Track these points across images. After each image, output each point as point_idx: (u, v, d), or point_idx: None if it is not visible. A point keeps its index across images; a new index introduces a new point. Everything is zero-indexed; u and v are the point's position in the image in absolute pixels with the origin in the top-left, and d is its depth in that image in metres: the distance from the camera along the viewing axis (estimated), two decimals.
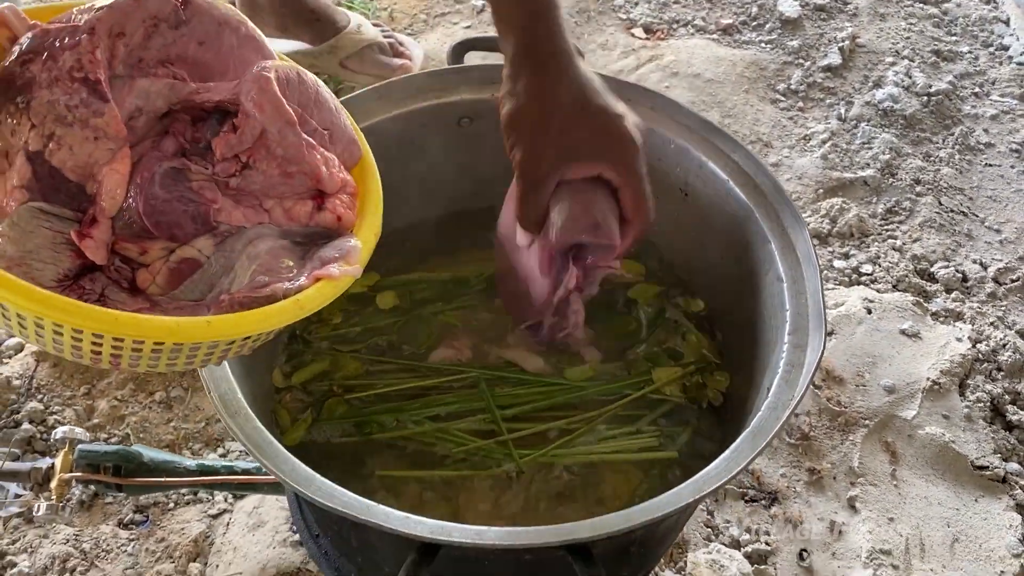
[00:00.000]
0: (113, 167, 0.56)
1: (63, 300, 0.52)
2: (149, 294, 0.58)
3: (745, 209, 0.86)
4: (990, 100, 1.75)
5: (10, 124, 0.56)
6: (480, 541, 0.62)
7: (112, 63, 0.58)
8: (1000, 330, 1.37)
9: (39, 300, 0.51)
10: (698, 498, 0.64)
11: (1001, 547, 1.15)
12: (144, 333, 0.53)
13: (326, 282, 0.59)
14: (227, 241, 0.60)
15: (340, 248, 0.62)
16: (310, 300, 0.58)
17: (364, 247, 0.63)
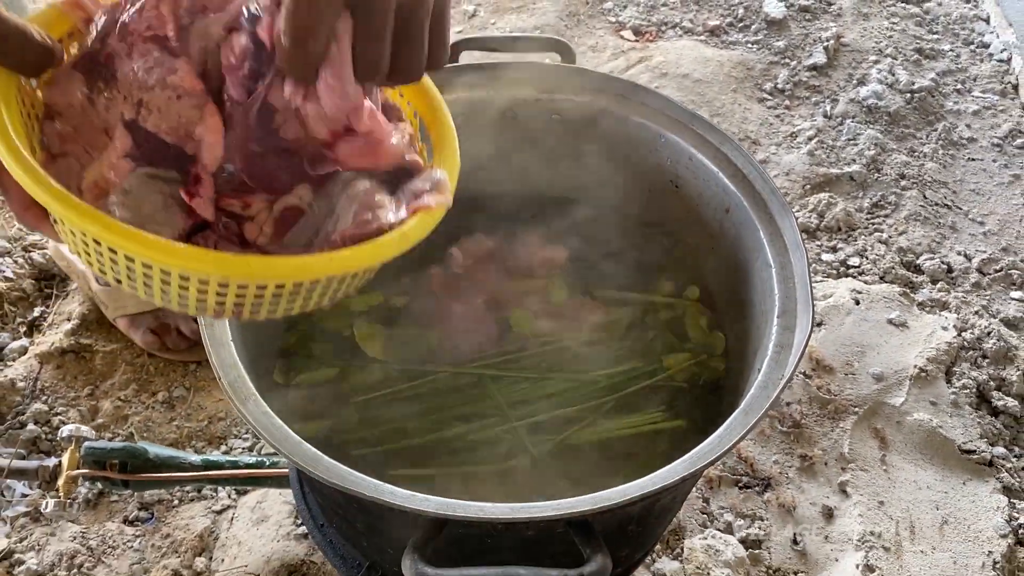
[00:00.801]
0: (205, 124, 0.57)
1: (197, 250, 0.53)
2: (259, 245, 0.60)
3: (734, 198, 0.89)
4: (972, 96, 1.79)
5: (103, 101, 0.58)
6: (484, 516, 0.64)
7: (177, 15, 0.58)
8: (985, 319, 1.41)
9: (173, 252, 0.52)
10: (692, 472, 0.67)
11: (989, 528, 1.18)
12: (278, 273, 0.55)
13: (424, 213, 0.61)
14: (325, 186, 0.62)
15: (429, 180, 0.64)
16: (413, 231, 0.60)
17: (450, 177, 0.66)
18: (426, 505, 0.64)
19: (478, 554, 0.76)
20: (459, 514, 0.64)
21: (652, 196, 0.99)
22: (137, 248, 0.52)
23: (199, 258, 0.53)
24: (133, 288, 0.56)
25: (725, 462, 1.23)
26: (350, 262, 0.57)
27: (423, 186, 0.63)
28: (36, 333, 1.37)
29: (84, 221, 0.51)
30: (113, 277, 0.56)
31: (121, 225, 0.52)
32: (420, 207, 0.62)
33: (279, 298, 0.58)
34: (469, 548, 0.76)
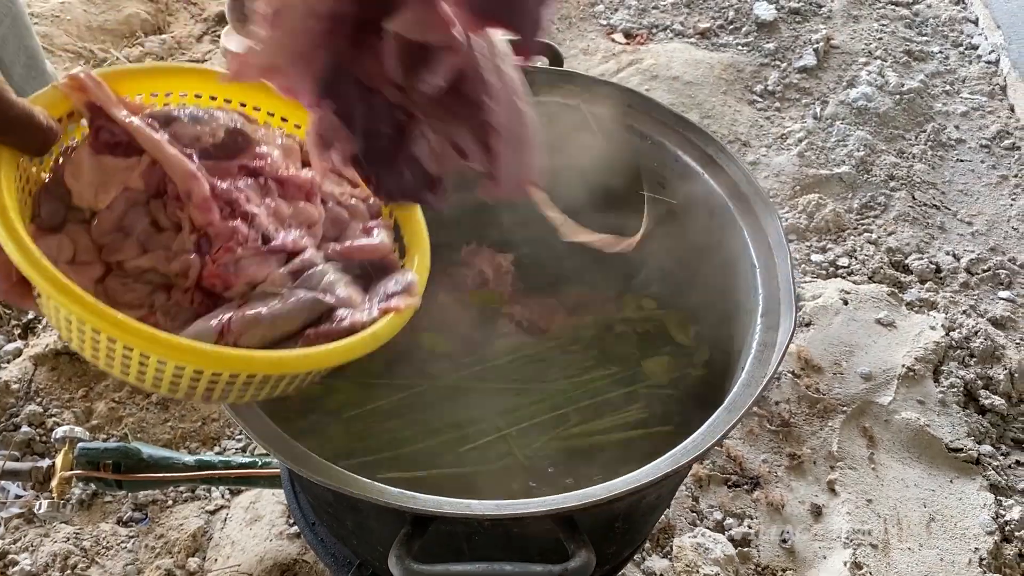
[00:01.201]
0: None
1: (182, 341, 0.56)
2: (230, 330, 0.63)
3: (719, 199, 0.90)
4: (960, 97, 1.80)
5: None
6: (469, 512, 0.65)
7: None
8: (972, 318, 1.42)
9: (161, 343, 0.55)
10: (676, 468, 0.67)
11: (975, 525, 1.19)
12: (253, 367, 0.58)
13: (394, 314, 0.65)
14: (301, 278, 0.66)
15: (400, 282, 0.68)
16: (383, 331, 0.64)
17: (420, 280, 0.69)
18: (412, 502, 0.65)
19: (466, 552, 0.77)
20: (445, 511, 0.65)
21: (639, 197, 1.00)
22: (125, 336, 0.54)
23: (176, 347, 0.55)
24: (110, 368, 0.59)
25: (714, 461, 1.25)
26: (323, 360, 0.61)
27: (395, 287, 0.66)
28: (30, 335, 1.37)
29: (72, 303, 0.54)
30: (91, 355, 0.59)
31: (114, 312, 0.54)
32: (392, 308, 0.65)
33: (248, 386, 0.60)
34: (457, 546, 0.76)
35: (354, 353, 0.62)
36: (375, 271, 0.70)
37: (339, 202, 0.74)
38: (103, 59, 1.78)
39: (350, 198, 0.74)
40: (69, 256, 0.62)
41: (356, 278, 0.69)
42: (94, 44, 1.81)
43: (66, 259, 0.62)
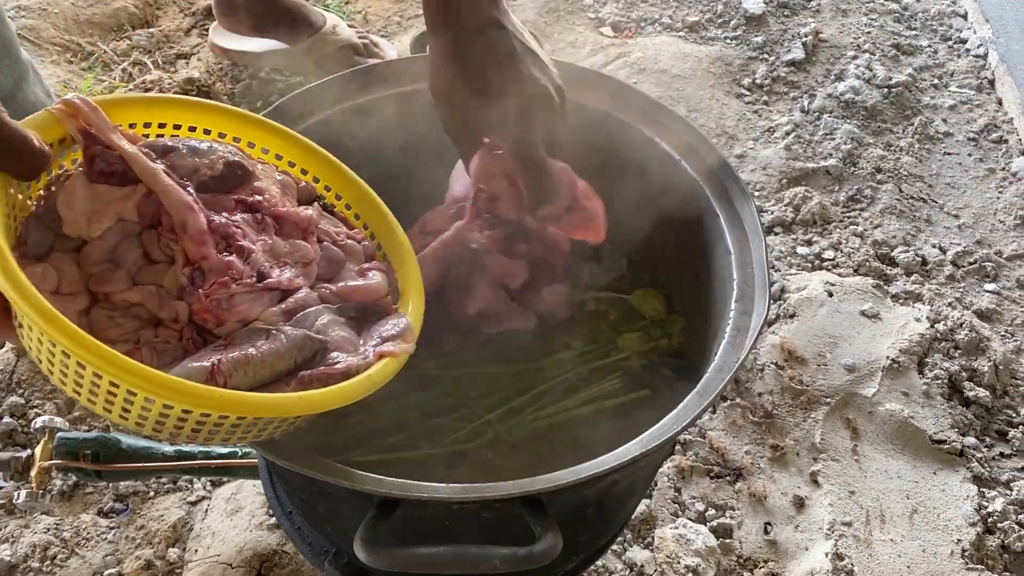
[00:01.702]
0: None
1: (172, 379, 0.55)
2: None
3: (696, 187, 0.90)
4: (948, 91, 1.80)
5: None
6: (437, 495, 0.65)
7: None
8: (958, 310, 1.42)
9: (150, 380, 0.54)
10: (645, 452, 0.67)
11: (958, 517, 1.19)
12: (246, 410, 0.57)
13: (390, 359, 0.65)
14: (296, 318, 0.66)
15: (396, 326, 0.69)
16: (378, 375, 0.64)
17: (415, 325, 0.70)
18: (378, 486, 0.65)
19: (437, 537, 0.77)
20: (412, 494, 0.65)
21: (618, 185, 0.99)
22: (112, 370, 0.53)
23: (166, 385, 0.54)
24: (92, 404, 0.58)
25: (697, 452, 1.24)
26: (318, 403, 0.61)
27: (391, 331, 0.67)
28: None
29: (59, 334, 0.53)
30: (73, 390, 0.58)
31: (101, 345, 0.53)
32: (387, 353, 0.65)
33: (236, 428, 0.60)
34: (427, 531, 0.76)
35: (349, 397, 0.62)
36: (369, 314, 0.70)
37: (335, 241, 0.74)
38: (90, 52, 1.78)
39: (346, 238, 0.75)
40: (53, 286, 0.61)
41: (350, 320, 0.69)
42: (81, 38, 1.80)
43: (50, 289, 0.60)
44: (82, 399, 0.58)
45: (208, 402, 0.56)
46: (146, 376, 0.54)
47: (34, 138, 0.59)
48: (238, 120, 0.74)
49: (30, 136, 0.59)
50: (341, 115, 0.93)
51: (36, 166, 0.59)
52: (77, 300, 0.62)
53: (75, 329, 0.53)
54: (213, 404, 0.56)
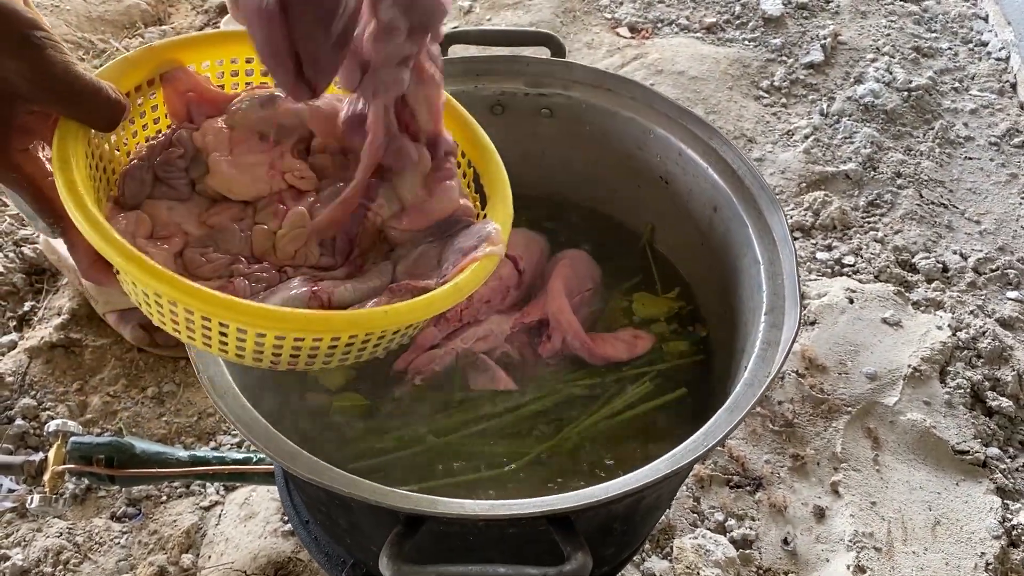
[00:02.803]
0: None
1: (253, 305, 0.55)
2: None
3: (723, 194, 0.88)
4: (969, 95, 1.78)
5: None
6: (463, 512, 0.63)
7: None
8: (980, 318, 1.40)
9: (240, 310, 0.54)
10: (675, 470, 0.66)
11: (982, 529, 1.17)
12: (334, 327, 0.56)
13: (477, 264, 0.63)
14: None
15: (480, 234, 0.66)
16: (467, 282, 0.62)
17: (503, 228, 0.67)
18: (405, 502, 0.64)
19: (462, 552, 0.76)
20: (438, 511, 0.64)
21: (641, 192, 0.98)
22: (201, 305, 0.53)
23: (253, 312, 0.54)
24: (192, 339, 0.58)
25: (716, 461, 1.23)
26: (404, 316, 0.59)
27: (473, 241, 0.65)
28: (26, 328, 1.36)
29: (149, 277, 0.53)
30: (172, 327, 0.58)
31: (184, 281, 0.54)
32: (471, 261, 0.64)
33: (335, 350, 0.59)
34: (452, 546, 0.75)
35: (437, 307, 0.60)
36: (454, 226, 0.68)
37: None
38: (103, 50, 1.77)
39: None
40: (147, 231, 0.62)
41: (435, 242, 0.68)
42: (94, 35, 1.79)
43: (144, 234, 0.62)
44: (182, 336, 0.58)
45: (293, 324, 0.55)
46: (233, 306, 0.54)
47: (109, 88, 0.58)
48: None
49: (104, 87, 0.58)
50: None
51: (113, 116, 0.59)
52: (171, 243, 0.63)
53: (161, 269, 0.54)
54: (298, 325, 0.55)
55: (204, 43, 0.69)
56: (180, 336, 0.58)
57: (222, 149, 0.66)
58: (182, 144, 0.65)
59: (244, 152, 0.66)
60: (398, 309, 0.59)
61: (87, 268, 0.59)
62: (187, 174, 0.65)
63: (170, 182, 0.64)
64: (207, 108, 0.68)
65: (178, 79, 0.66)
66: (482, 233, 0.65)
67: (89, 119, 0.58)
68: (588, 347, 0.88)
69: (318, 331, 0.56)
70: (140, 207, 0.62)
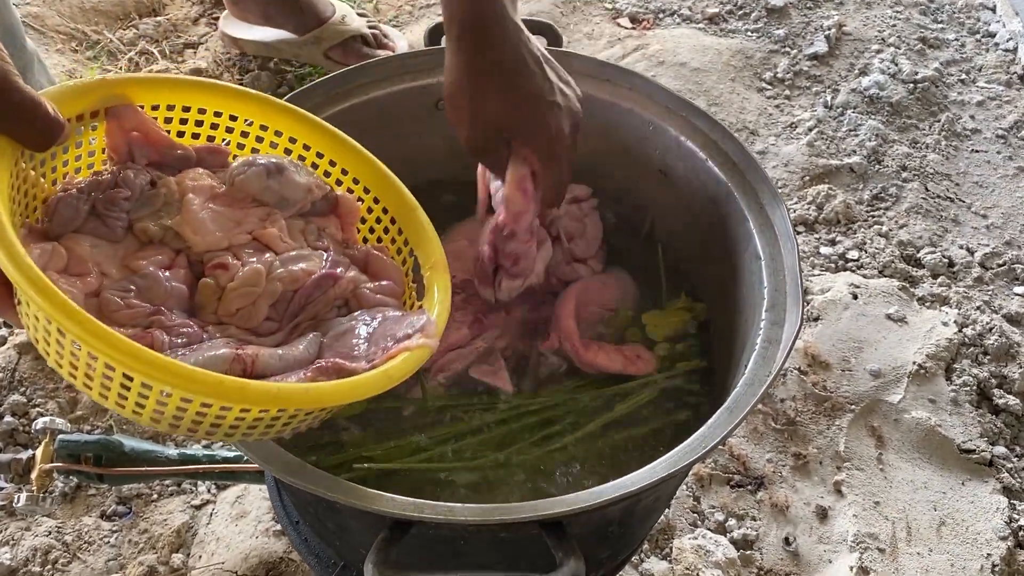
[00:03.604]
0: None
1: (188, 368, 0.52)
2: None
3: (723, 187, 0.86)
4: (976, 87, 1.75)
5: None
6: (452, 517, 0.61)
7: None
8: (986, 314, 1.37)
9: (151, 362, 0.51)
10: (671, 472, 0.63)
11: (988, 530, 1.15)
12: (248, 398, 0.53)
13: (410, 354, 0.62)
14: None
15: (415, 324, 0.65)
16: (397, 370, 0.60)
17: (439, 322, 0.65)
18: (390, 506, 0.61)
19: (452, 556, 0.74)
20: (426, 515, 0.61)
21: (640, 185, 0.95)
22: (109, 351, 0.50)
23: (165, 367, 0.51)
24: (88, 390, 0.54)
25: (717, 460, 1.20)
26: (327, 396, 0.57)
27: (407, 330, 0.64)
28: None
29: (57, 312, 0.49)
30: (69, 372, 0.54)
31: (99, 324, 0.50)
32: (404, 348, 0.62)
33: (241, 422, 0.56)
34: (442, 550, 0.73)
35: (362, 392, 0.58)
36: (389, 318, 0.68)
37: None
38: (96, 41, 1.74)
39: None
40: (61, 266, 0.58)
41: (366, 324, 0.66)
42: (87, 26, 1.77)
43: (57, 268, 0.58)
44: (77, 383, 0.54)
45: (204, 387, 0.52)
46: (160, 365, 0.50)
47: (48, 106, 0.55)
48: (265, 107, 0.71)
49: (44, 103, 0.55)
50: (353, 110, 0.90)
51: (48, 135, 0.56)
52: (85, 282, 0.59)
53: (74, 307, 0.50)
54: (211, 390, 0.52)
55: (160, 85, 0.67)
56: (75, 383, 0.54)
57: (201, 195, 0.65)
58: (128, 185, 0.63)
59: (223, 205, 0.65)
60: (321, 389, 0.56)
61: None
62: (127, 216, 0.63)
63: (107, 220, 0.62)
64: (151, 151, 0.66)
65: (125, 116, 0.64)
66: (419, 323, 0.64)
67: (22, 135, 0.55)
68: (577, 351, 0.85)
69: (230, 400, 0.53)
70: (60, 239, 0.59)
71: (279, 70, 1.69)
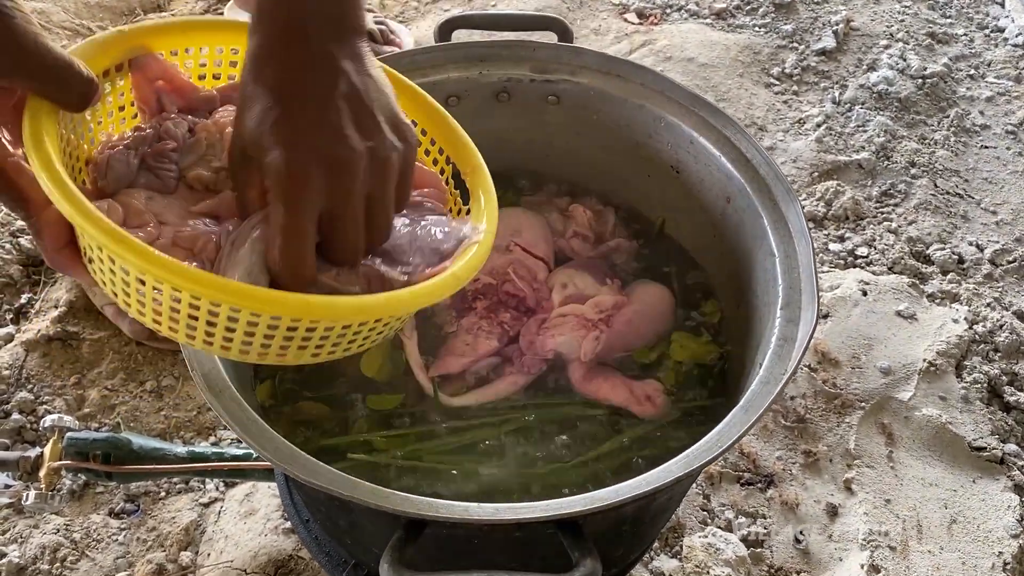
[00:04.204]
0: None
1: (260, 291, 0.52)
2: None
3: (736, 184, 0.85)
4: (985, 82, 1.74)
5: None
6: (468, 517, 0.61)
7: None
8: (997, 311, 1.36)
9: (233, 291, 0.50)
10: (688, 472, 0.63)
11: (999, 528, 1.14)
12: (337, 314, 0.53)
13: (474, 249, 0.61)
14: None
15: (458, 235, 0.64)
16: (464, 270, 0.60)
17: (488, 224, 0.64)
18: (406, 505, 0.61)
19: (466, 555, 0.73)
20: (441, 515, 0.61)
21: (651, 182, 0.95)
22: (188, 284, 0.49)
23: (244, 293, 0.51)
24: (174, 332, 0.54)
25: (727, 458, 1.20)
26: (404, 304, 0.56)
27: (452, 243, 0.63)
28: (23, 320, 1.34)
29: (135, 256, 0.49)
30: (153, 318, 0.54)
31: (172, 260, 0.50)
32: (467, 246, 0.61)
33: (326, 339, 0.56)
34: (456, 549, 0.72)
35: (437, 295, 0.57)
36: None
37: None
38: None
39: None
40: (119, 220, 0.58)
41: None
42: (92, 21, 1.76)
43: (116, 221, 0.57)
44: (163, 328, 0.54)
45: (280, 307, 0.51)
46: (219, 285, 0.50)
47: (80, 64, 0.54)
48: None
49: (76, 62, 0.54)
50: None
51: (86, 94, 0.55)
52: (147, 231, 0.59)
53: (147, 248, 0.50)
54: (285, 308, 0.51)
55: (174, 30, 0.65)
56: (161, 328, 0.54)
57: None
58: (171, 136, 0.63)
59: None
60: (398, 297, 0.56)
61: (53, 254, 0.55)
62: (176, 166, 0.62)
63: (159, 172, 0.62)
64: (177, 98, 0.65)
65: (148, 66, 0.63)
66: (460, 234, 0.63)
67: (60, 96, 0.54)
68: (577, 374, 0.83)
69: (317, 315, 0.52)
70: (114, 196, 0.59)
71: None
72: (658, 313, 0.88)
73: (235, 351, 0.54)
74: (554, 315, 0.86)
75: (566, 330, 0.84)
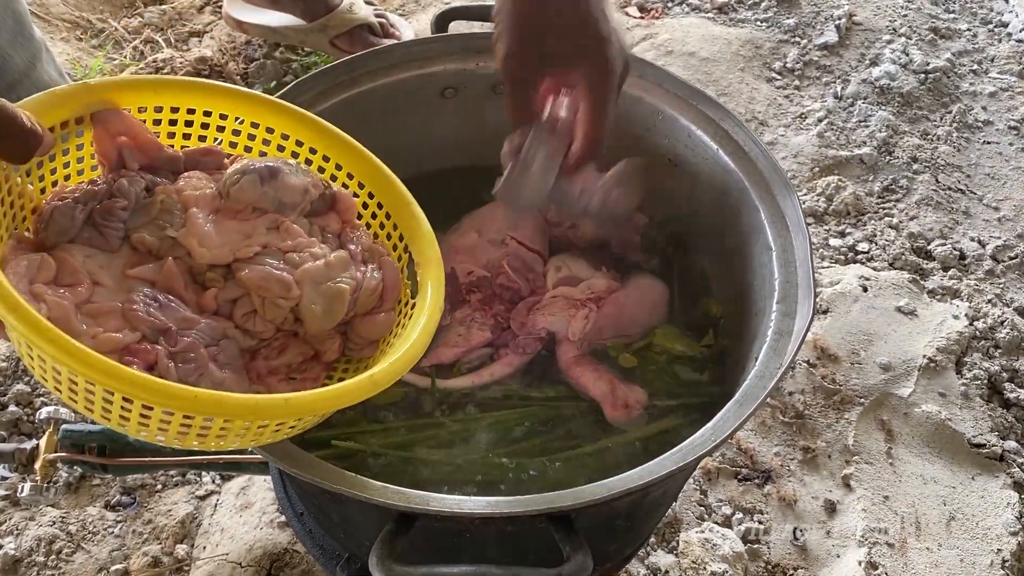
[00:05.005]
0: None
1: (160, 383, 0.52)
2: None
3: (734, 177, 0.84)
4: (989, 77, 1.73)
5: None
6: (459, 510, 0.60)
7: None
8: (998, 307, 1.36)
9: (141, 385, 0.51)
10: (681, 466, 0.63)
11: (998, 525, 1.14)
12: (226, 411, 0.53)
13: (404, 349, 0.61)
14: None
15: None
16: (384, 375, 0.59)
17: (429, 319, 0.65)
18: (397, 498, 0.61)
19: (457, 549, 0.73)
20: (432, 508, 0.61)
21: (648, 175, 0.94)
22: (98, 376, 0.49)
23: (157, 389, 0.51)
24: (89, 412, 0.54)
25: (724, 453, 1.19)
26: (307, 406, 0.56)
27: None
28: None
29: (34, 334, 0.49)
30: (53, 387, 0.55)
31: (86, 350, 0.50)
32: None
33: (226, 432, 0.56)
34: (448, 543, 0.72)
35: (346, 400, 0.57)
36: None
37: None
38: (101, 29, 1.73)
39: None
40: (49, 276, 0.58)
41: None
42: (91, 14, 1.76)
43: (45, 279, 0.58)
44: (63, 396, 0.55)
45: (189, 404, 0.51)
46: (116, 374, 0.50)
47: (24, 117, 0.55)
48: (255, 104, 0.70)
49: (19, 115, 0.55)
50: (357, 98, 0.88)
51: (27, 147, 0.55)
52: (76, 291, 0.59)
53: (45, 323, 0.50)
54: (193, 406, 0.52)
55: (144, 87, 0.66)
56: (60, 397, 0.55)
57: (205, 207, 0.64)
58: (124, 193, 0.62)
59: (228, 217, 0.65)
60: (301, 399, 0.55)
61: None
62: (123, 225, 0.62)
63: (103, 230, 0.61)
64: (140, 155, 0.64)
65: (111, 120, 0.63)
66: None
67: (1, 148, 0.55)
68: (568, 355, 0.82)
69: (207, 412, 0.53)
70: (53, 248, 0.59)
71: (285, 59, 1.68)
72: (650, 302, 0.88)
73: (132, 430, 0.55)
74: (546, 297, 0.85)
75: (556, 309, 0.84)
